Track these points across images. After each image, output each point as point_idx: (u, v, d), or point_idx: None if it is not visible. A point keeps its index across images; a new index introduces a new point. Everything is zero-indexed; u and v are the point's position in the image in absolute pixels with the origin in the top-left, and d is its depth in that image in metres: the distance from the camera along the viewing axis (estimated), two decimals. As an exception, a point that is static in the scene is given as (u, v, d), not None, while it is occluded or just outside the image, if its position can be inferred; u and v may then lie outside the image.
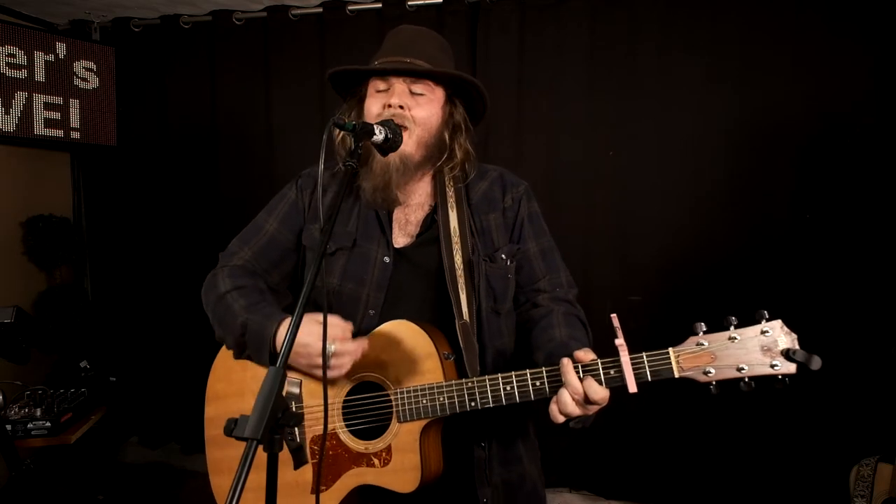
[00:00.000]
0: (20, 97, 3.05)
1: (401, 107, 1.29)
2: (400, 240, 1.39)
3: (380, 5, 3.04)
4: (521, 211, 1.42)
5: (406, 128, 1.29)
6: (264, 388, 0.90)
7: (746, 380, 1.06)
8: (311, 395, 1.32)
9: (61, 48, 3.19)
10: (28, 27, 3.17)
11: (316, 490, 1.12)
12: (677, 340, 1.10)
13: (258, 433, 0.86)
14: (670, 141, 2.79)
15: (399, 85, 1.31)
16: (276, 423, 0.89)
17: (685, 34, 2.74)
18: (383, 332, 1.29)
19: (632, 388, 1.08)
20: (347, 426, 1.30)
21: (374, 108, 1.33)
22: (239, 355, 1.33)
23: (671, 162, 2.80)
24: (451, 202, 1.37)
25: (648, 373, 1.09)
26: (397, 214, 1.40)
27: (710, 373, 1.07)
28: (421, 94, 1.32)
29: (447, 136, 1.36)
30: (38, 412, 2.62)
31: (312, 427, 1.33)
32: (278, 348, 1.21)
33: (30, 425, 2.58)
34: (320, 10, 3.13)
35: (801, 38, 2.61)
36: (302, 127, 3.20)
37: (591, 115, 2.87)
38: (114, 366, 3.53)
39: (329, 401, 1.28)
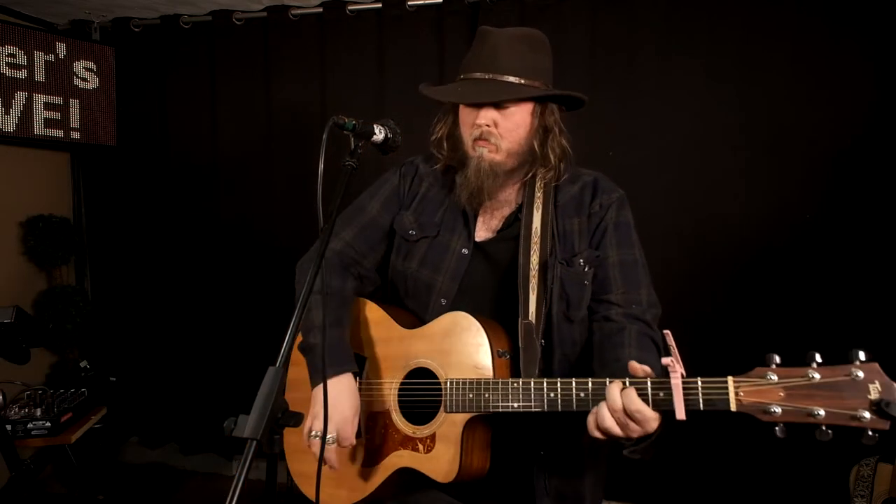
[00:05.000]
0: (20, 97, 3.04)
1: (487, 125, 1.32)
2: (481, 233, 1.43)
3: (380, 5, 3.03)
4: (608, 218, 1.39)
5: (493, 143, 1.32)
6: (264, 387, 0.90)
7: (824, 428, 0.91)
8: (373, 374, 1.39)
9: (61, 48, 3.18)
10: (28, 27, 3.17)
11: (317, 478, 1.13)
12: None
13: (258, 433, 0.86)
14: (670, 141, 2.78)
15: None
16: (276, 423, 0.89)
17: (685, 35, 2.74)
18: (444, 322, 1.32)
19: (680, 414, 0.99)
20: (401, 408, 1.34)
21: (466, 122, 1.36)
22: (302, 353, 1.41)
23: (671, 162, 2.79)
24: (539, 203, 1.37)
25: (701, 401, 0.99)
26: (484, 209, 1.43)
27: (774, 412, 0.94)
28: (507, 108, 1.32)
29: (537, 143, 1.36)
30: (38, 412, 2.62)
31: (370, 404, 1.39)
32: (316, 390, 1.31)
33: (30, 425, 2.58)
34: (320, 10, 3.13)
35: (801, 39, 2.61)
36: (302, 127, 3.20)
37: (591, 115, 2.86)
38: (114, 366, 3.53)
39: (388, 381, 1.37)
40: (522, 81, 1.31)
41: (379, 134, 1.24)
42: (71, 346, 3.52)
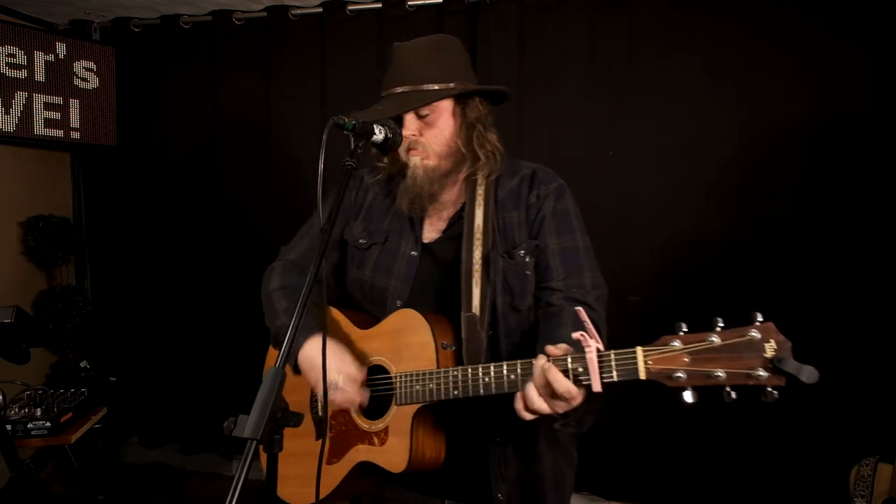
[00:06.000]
0: (20, 97, 3.05)
1: (414, 135, 1.38)
2: (429, 235, 1.47)
3: (380, 5, 3.04)
4: (545, 207, 1.41)
5: (422, 150, 1.38)
6: (264, 387, 0.91)
7: (728, 389, 0.93)
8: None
9: (61, 48, 3.19)
10: (28, 27, 3.17)
11: (317, 478, 1.16)
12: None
13: (258, 433, 0.86)
14: (670, 141, 2.78)
15: (405, 115, 1.37)
16: (276, 423, 0.90)
17: (685, 34, 2.74)
18: (393, 320, 1.37)
19: (596, 386, 1.02)
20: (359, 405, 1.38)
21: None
22: (276, 349, 1.48)
23: (671, 162, 2.79)
24: (480, 199, 1.41)
25: (615, 372, 1.02)
26: (430, 211, 1.47)
27: (679, 377, 0.96)
28: (426, 115, 1.37)
29: (463, 141, 1.40)
30: (38, 412, 2.62)
31: (333, 404, 1.43)
32: (299, 360, 1.35)
33: (30, 425, 2.58)
34: (320, 10, 3.13)
35: (802, 38, 2.61)
36: (302, 127, 3.21)
37: (591, 115, 2.87)
38: (114, 366, 3.54)
39: None
40: (436, 87, 1.35)
41: (379, 134, 1.25)
42: (71, 346, 3.53)
